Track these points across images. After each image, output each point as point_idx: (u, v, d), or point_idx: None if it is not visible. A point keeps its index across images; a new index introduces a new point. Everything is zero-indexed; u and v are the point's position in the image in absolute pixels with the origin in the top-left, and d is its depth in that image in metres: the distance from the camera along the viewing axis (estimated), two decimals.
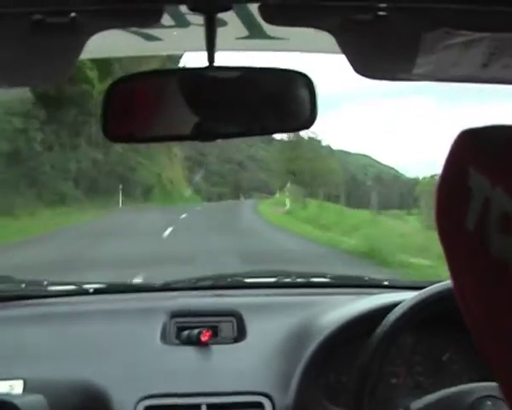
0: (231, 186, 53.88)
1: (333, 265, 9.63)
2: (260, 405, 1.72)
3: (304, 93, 1.19)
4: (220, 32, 1.16)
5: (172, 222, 17.40)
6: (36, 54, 1.13)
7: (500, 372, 0.51)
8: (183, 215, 21.85)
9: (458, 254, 0.53)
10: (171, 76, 1.23)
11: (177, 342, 1.90)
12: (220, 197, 48.75)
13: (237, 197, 47.95)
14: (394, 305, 1.61)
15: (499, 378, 0.51)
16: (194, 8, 1.10)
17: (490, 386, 1.50)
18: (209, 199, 46.35)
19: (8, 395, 1.65)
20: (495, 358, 0.52)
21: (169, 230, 15.34)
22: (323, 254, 11.83)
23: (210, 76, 1.19)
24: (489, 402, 1.47)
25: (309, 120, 1.20)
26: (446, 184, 0.54)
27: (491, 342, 0.52)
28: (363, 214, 22.74)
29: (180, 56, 27.34)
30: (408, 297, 1.61)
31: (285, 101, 1.22)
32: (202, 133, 1.20)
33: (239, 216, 24.66)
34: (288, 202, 29.70)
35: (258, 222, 21.67)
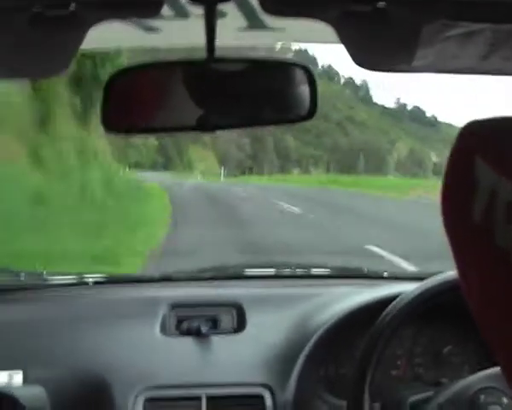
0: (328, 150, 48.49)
1: None
2: (260, 396, 1.73)
3: (304, 85, 1.19)
4: (220, 22, 1.16)
5: None
6: (35, 46, 1.12)
7: (506, 363, 0.51)
8: None
9: (465, 246, 0.53)
10: (170, 67, 1.23)
11: (176, 333, 1.91)
12: (316, 163, 44.10)
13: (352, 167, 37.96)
14: (395, 297, 1.61)
15: (505, 370, 0.51)
16: (193, 0, 1.09)
17: (488, 376, 1.50)
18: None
19: (7, 386, 1.65)
20: (501, 350, 0.52)
21: None
22: None
23: (210, 67, 1.19)
24: (482, 395, 1.47)
25: (309, 112, 1.20)
26: (453, 174, 0.54)
27: (497, 333, 0.52)
28: None
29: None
30: (408, 289, 1.61)
31: (285, 92, 1.22)
32: (202, 124, 1.20)
33: None
34: None
35: None
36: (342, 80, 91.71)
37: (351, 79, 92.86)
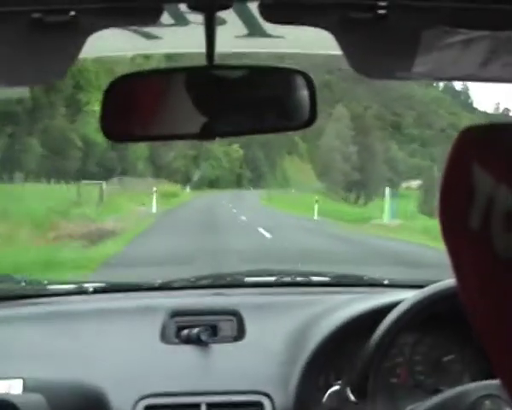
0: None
1: None
2: (260, 404, 1.72)
3: (304, 92, 1.19)
4: (220, 30, 1.16)
5: None
6: (35, 52, 1.13)
7: (504, 371, 0.51)
8: None
9: (463, 252, 0.53)
10: (170, 75, 1.23)
11: (176, 341, 1.90)
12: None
13: None
14: (394, 304, 1.61)
15: (503, 377, 0.51)
16: (193, 7, 1.10)
17: (488, 385, 1.50)
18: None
19: (7, 394, 1.65)
20: (500, 357, 0.51)
21: None
22: None
23: (210, 75, 1.19)
24: (487, 401, 1.47)
25: (309, 119, 1.20)
26: (450, 182, 0.54)
27: (496, 341, 0.51)
28: None
29: None
30: (408, 296, 1.61)
31: (285, 99, 1.22)
32: (201, 132, 1.20)
33: None
34: None
35: None
36: (441, 85, 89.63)
37: (450, 83, 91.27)
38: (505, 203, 0.48)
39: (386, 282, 2.20)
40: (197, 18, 1.16)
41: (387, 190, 27.01)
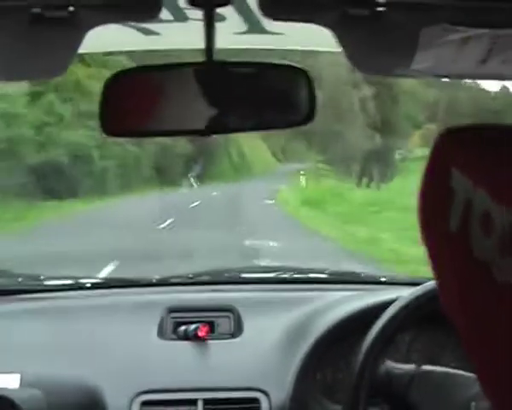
0: None
1: None
2: (256, 401, 1.72)
3: (303, 89, 1.19)
4: (219, 26, 1.16)
5: None
6: (34, 48, 1.12)
7: (484, 378, 0.51)
8: None
9: (442, 256, 0.53)
10: (169, 70, 1.23)
11: (173, 337, 1.90)
12: None
13: None
14: (391, 302, 1.61)
15: (481, 378, 0.51)
16: (193, 3, 1.10)
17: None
18: None
19: (4, 389, 1.65)
20: (480, 363, 0.52)
21: None
22: None
23: (208, 71, 1.19)
24: (479, 399, 1.47)
25: (307, 116, 1.20)
26: (429, 184, 0.54)
27: (477, 348, 0.52)
28: None
29: None
30: (405, 294, 1.61)
31: (284, 96, 1.22)
32: (199, 128, 1.20)
33: None
34: None
35: None
36: None
37: None
38: (483, 206, 0.48)
39: (383, 279, 2.21)
40: (196, 14, 1.16)
41: None
